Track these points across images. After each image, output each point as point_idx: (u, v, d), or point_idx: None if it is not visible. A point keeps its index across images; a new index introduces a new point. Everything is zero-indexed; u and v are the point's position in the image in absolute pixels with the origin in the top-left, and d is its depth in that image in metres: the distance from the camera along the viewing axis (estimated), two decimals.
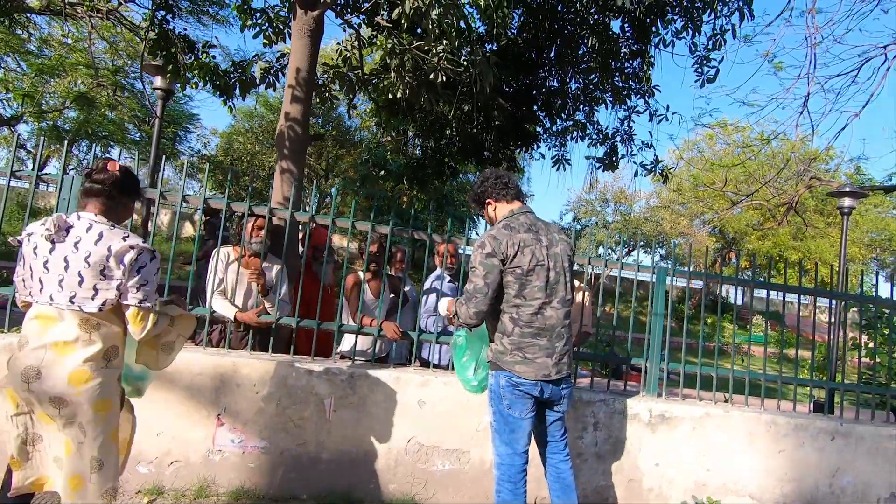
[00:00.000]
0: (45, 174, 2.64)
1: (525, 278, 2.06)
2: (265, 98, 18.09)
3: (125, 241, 1.68)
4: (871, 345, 4.75)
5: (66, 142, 2.78)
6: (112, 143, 16.05)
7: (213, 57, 4.08)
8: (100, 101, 14.15)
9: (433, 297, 3.43)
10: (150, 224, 5.11)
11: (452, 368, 3.07)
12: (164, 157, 2.88)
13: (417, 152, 6.43)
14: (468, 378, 2.33)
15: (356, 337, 2.95)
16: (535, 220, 2.21)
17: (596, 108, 5.49)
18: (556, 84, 5.39)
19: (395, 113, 5.08)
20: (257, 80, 4.08)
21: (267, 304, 2.87)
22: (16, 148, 2.64)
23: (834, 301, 3.52)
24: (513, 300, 2.08)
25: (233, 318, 2.73)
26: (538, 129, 5.72)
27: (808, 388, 3.42)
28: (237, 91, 4.00)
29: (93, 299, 1.65)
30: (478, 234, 3.17)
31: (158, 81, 4.84)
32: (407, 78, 3.82)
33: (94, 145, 16.58)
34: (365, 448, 2.63)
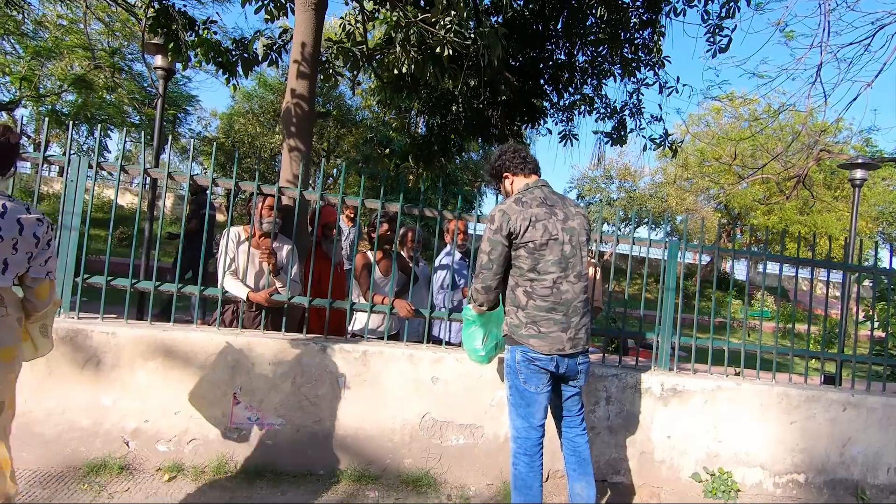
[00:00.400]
0: (51, 155, 2.61)
1: (538, 253, 2.04)
2: (264, 78, 17.86)
3: (30, 213, 1.67)
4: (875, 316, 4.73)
5: (69, 122, 2.74)
6: (111, 126, 15.94)
7: (215, 33, 3.99)
8: (97, 83, 13.98)
9: (444, 274, 3.42)
10: (156, 205, 5.09)
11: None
12: (169, 136, 2.85)
13: (422, 130, 6.34)
14: (475, 348, 2.33)
15: (368, 315, 2.95)
16: (550, 194, 2.18)
17: (604, 81, 5.37)
18: (563, 57, 5.27)
19: (399, 90, 4.99)
20: (260, 58, 3.99)
21: (278, 284, 2.87)
22: (20, 128, 2.60)
23: (844, 274, 3.49)
24: (527, 274, 2.06)
25: (245, 298, 2.73)
26: (545, 103, 5.62)
27: (820, 361, 3.42)
28: (240, 69, 3.92)
29: (3, 273, 1.63)
30: (485, 212, 3.14)
31: (159, 60, 4.75)
32: (412, 52, 3.74)
33: (93, 129, 16.46)
34: (380, 424, 2.66)
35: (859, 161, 5.81)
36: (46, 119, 2.70)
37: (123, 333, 2.47)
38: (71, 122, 2.80)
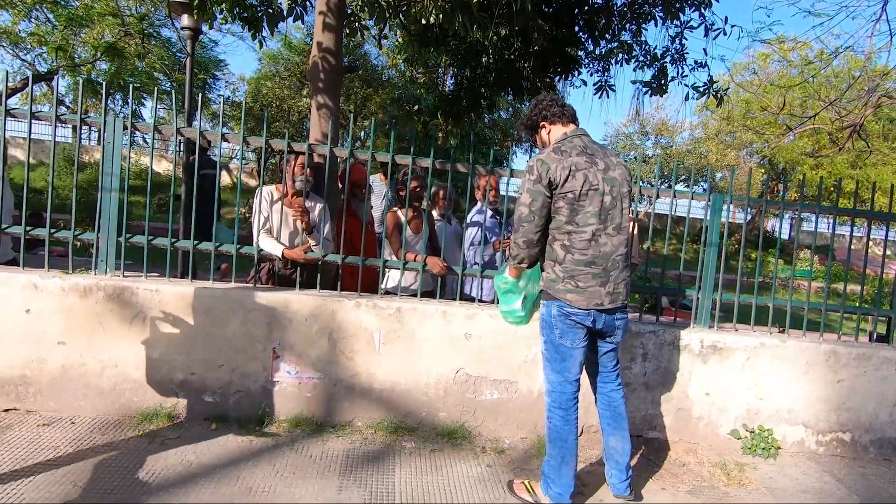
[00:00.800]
0: (88, 117, 2.64)
1: (577, 203, 1.96)
2: (289, 40, 17.62)
3: None
4: None
5: (104, 85, 2.76)
6: (144, 93, 16.16)
7: None
8: (128, 51, 14.12)
9: (476, 230, 3.37)
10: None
11: (495, 303, 3.06)
12: (199, 94, 2.83)
13: (450, 87, 6.15)
14: (515, 310, 2.28)
15: (401, 273, 2.95)
16: (590, 143, 2.07)
17: (644, 25, 5.02)
18: (599, 1, 4.94)
19: (426, 42, 4.81)
20: (284, 12, 3.89)
21: (312, 242, 2.88)
22: (56, 96, 2.64)
23: None
24: (564, 227, 1.99)
25: (280, 256, 2.77)
26: (580, 52, 5.32)
27: (871, 321, 3.26)
28: (265, 25, 3.84)
29: None
30: (516, 168, 3.04)
31: (186, 20, 4.71)
32: (440, 1, 3.56)
33: (127, 97, 16.77)
34: (414, 379, 2.70)
35: None
36: (81, 81, 2.71)
37: (166, 290, 2.55)
38: (104, 88, 2.82)
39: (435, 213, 3.49)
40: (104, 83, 2.84)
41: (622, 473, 2.18)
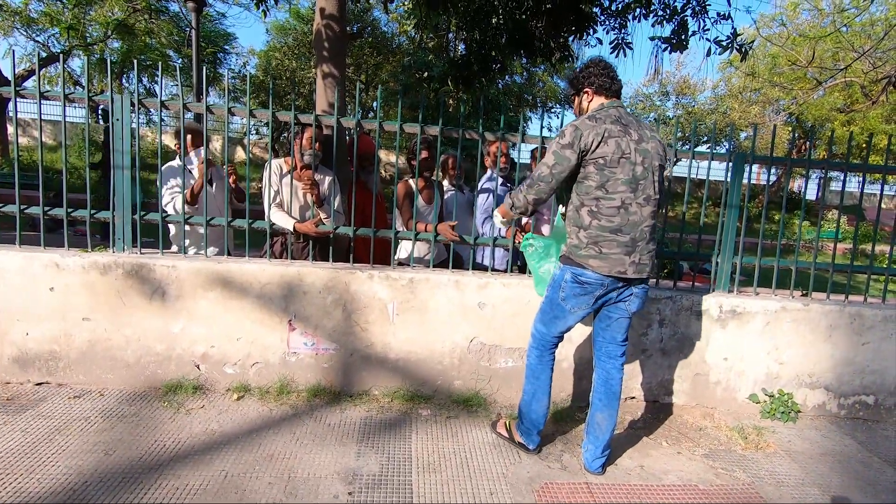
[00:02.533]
0: (94, 95, 2.64)
1: (608, 169, 1.94)
2: (296, 9, 17.30)
3: None
4: None
5: (108, 63, 2.74)
6: (157, 71, 16.21)
7: None
8: (138, 28, 14.05)
9: (487, 197, 3.32)
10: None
11: (507, 271, 3.04)
12: (210, 69, 2.81)
13: (461, 50, 5.96)
14: (543, 277, 2.32)
15: (413, 244, 2.94)
16: (625, 114, 2.04)
17: None
18: None
19: (435, 5, 4.64)
20: None
21: (322, 215, 2.88)
22: (63, 70, 2.63)
23: None
24: (594, 192, 1.97)
25: (292, 229, 2.78)
26: (595, 9, 5.08)
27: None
28: None
29: None
30: (530, 133, 2.95)
31: None
32: None
33: (141, 75, 16.81)
34: (429, 348, 2.72)
35: None
36: (86, 60, 2.70)
37: (183, 266, 2.59)
38: (108, 66, 2.80)
39: (445, 183, 3.44)
40: (109, 61, 2.82)
41: (598, 450, 2.15)
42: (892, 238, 3.29)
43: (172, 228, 3.05)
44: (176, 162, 2.92)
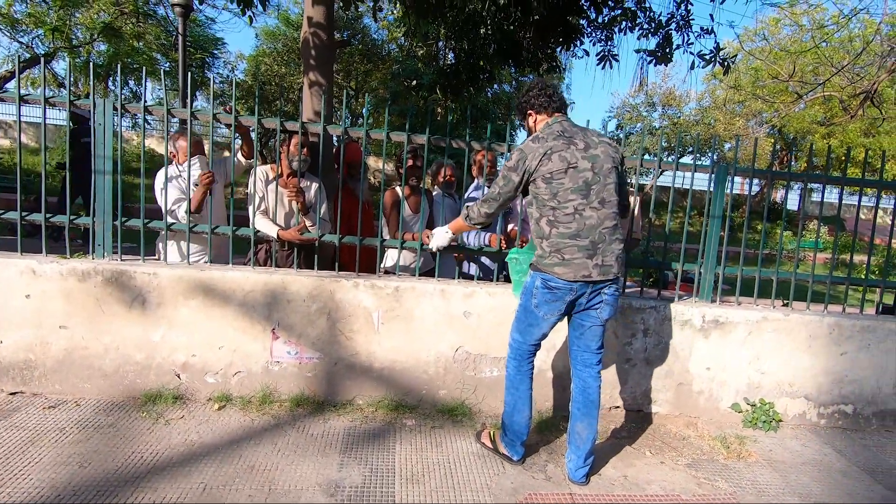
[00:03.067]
0: (76, 99, 2.60)
1: (555, 181, 2.04)
2: (286, 15, 17.27)
3: None
4: None
5: (94, 67, 2.71)
6: (142, 75, 15.99)
7: None
8: (125, 31, 13.90)
9: None
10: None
11: (493, 280, 3.04)
12: (190, 74, 2.78)
13: (450, 59, 6.00)
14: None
15: (399, 252, 2.93)
16: (569, 126, 2.14)
17: None
18: None
19: (424, 14, 4.67)
20: None
21: (308, 223, 2.86)
22: (44, 72, 2.59)
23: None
24: (547, 203, 2.07)
25: (276, 237, 2.75)
26: (582, 21, 5.15)
27: (878, 292, 3.21)
28: (256, 0, 3.74)
29: None
30: (517, 144, 2.98)
31: None
32: None
33: (126, 78, 16.61)
34: (414, 357, 2.71)
35: None
36: (69, 61, 2.66)
37: (164, 273, 2.55)
38: (93, 69, 2.76)
39: (437, 190, 3.43)
40: (93, 64, 2.78)
41: (580, 459, 2.16)
42: (869, 249, 3.36)
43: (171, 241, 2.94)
44: (173, 169, 2.86)
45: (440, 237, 2.51)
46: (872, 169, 6.31)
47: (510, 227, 3.11)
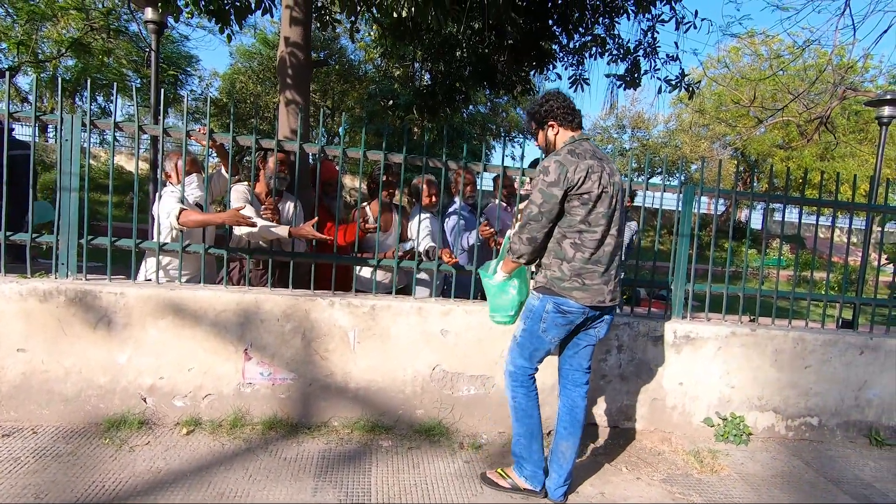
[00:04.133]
0: (42, 115, 2.54)
1: (592, 204, 2.00)
2: (263, 35, 17.28)
3: None
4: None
5: (59, 80, 2.64)
6: (112, 90, 15.67)
7: None
8: (95, 46, 13.64)
9: (457, 220, 3.32)
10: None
11: (470, 298, 3.05)
12: (163, 90, 2.75)
13: (427, 80, 6.10)
14: (508, 314, 2.26)
15: (374, 271, 2.91)
16: (596, 149, 2.12)
17: (616, 19, 5.06)
18: None
19: (401, 36, 4.75)
20: (252, 5, 3.80)
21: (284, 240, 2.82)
22: (9, 86, 2.52)
23: (868, 215, 3.35)
24: (577, 226, 2.01)
25: (287, 235, 2.64)
26: (554, 46, 5.32)
27: (838, 307, 3.35)
28: (232, 17, 3.74)
29: None
30: (492, 163, 3.02)
31: (149, 13, 4.56)
32: None
33: (95, 93, 16.27)
34: (391, 376, 2.67)
35: (887, 97, 5.49)
36: (35, 76, 2.59)
37: (132, 293, 2.47)
38: (61, 83, 2.70)
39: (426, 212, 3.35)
40: (61, 79, 2.72)
41: (561, 479, 2.16)
42: (827, 266, 3.51)
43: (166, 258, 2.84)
44: (170, 188, 2.77)
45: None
46: (828, 191, 6.64)
47: (488, 230, 2.98)
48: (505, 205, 3.58)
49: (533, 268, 2.23)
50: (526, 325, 2.14)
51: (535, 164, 3.02)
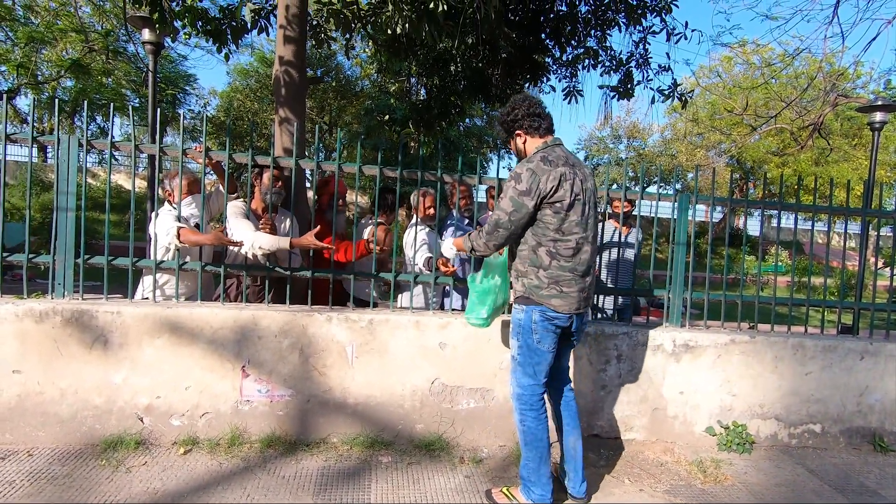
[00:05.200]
0: (40, 136, 2.56)
1: (564, 213, 1.98)
2: (260, 54, 17.49)
3: None
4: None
5: (58, 103, 2.67)
6: (115, 112, 15.79)
7: (200, 0, 3.85)
8: (94, 67, 13.79)
9: (453, 232, 3.32)
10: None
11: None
12: (159, 110, 2.78)
13: (422, 95, 6.16)
14: (480, 315, 2.28)
15: (372, 284, 2.90)
16: (569, 154, 2.11)
17: (608, 31, 5.13)
18: (564, 8, 5.02)
19: (396, 52, 4.81)
20: (248, 25, 3.85)
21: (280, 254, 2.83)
22: (6, 107, 2.54)
23: (864, 220, 3.36)
24: (551, 234, 2.00)
25: (289, 246, 2.64)
26: (547, 59, 5.39)
27: (837, 312, 3.34)
28: (229, 37, 3.80)
29: None
30: (488, 175, 3.04)
31: (147, 34, 4.62)
32: (405, 10, 3.57)
33: (94, 114, 16.40)
34: (390, 391, 2.66)
35: (878, 103, 5.56)
36: (33, 98, 2.63)
37: (128, 312, 2.47)
38: (58, 104, 2.73)
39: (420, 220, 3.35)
40: (58, 100, 2.75)
41: (579, 475, 2.21)
42: (825, 271, 3.52)
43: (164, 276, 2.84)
44: (167, 207, 2.78)
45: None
46: (823, 195, 6.67)
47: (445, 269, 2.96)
48: None
49: (511, 278, 2.19)
50: (520, 342, 2.11)
51: None
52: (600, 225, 2.15)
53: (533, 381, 2.10)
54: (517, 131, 2.14)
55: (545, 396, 2.15)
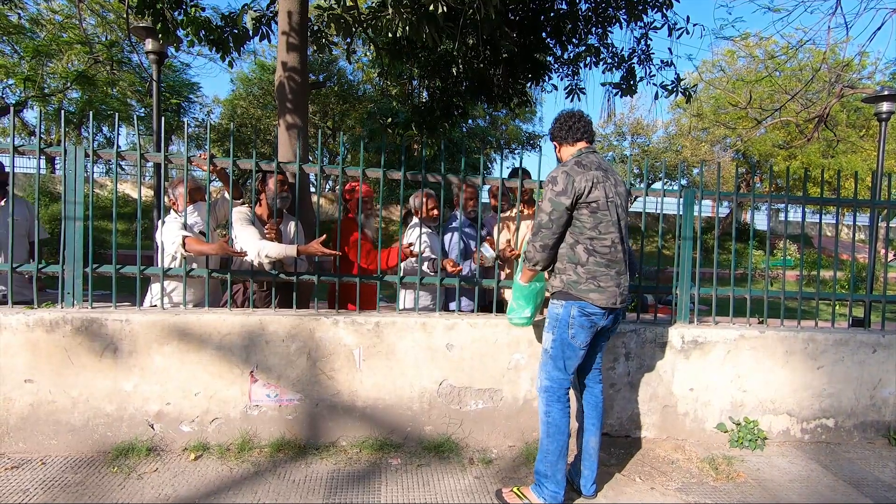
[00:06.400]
0: (49, 148, 2.58)
1: (600, 213, 2.11)
2: (262, 61, 17.61)
3: None
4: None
5: (65, 114, 2.69)
6: (121, 122, 15.89)
7: (203, 9, 3.88)
8: (99, 78, 13.95)
9: (452, 240, 3.34)
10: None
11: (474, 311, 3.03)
12: (164, 119, 2.80)
13: (424, 97, 6.17)
14: (523, 315, 2.34)
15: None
16: (601, 160, 2.23)
17: (609, 28, 5.11)
18: (564, 6, 5.01)
19: (397, 55, 4.83)
20: (250, 32, 3.88)
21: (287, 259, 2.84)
22: (14, 118, 2.58)
23: (872, 211, 3.32)
24: (587, 232, 2.11)
25: (296, 254, 2.65)
26: (549, 58, 5.38)
27: (847, 305, 3.30)
28: (231, 45, 3.82)
29: None
30: (490, 176, 3.05)
31: (150, 44, 4.66)
32: (405, 13, 3.58)
33: (100, 124, 16.56)
34: (398, 393, 2.66)
35: (885, 93, 5.49)
36: (40, 110, 2.66)
37: (137, 319, 2.48)
38: (64, 116, 2.76)
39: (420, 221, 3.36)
40: (64, 112, 2.78)
41: (593, 475, 2.27)
42: (834, 264, 3.48)
43: (172, 284, 2.86)
44: (173, 215, 2.80)
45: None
46: (831, 187, 6.61)
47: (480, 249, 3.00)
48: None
49: (546, 274, 2.30)
50: (555, 335, 2.18)
51: (514, 173, 3.09)
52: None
53: (562, 375, 2.18)
54: (554, 142, 2.34)
55: (570, 392, 2.23)
